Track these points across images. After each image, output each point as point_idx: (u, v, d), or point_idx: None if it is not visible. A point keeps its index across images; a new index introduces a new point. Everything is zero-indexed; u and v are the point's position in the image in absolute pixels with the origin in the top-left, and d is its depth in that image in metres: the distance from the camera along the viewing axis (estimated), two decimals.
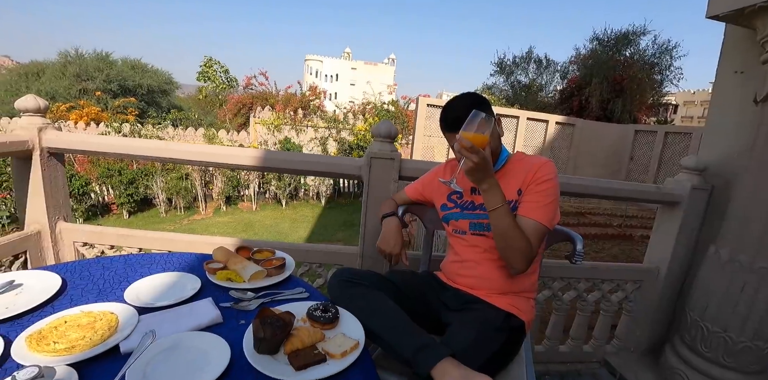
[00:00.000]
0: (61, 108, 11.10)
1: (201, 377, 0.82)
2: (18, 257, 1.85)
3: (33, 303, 1.04)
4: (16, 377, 0.73)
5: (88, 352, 0.86)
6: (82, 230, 2.00)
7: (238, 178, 7.25)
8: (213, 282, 1.22)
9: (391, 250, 1.44)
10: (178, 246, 1.95)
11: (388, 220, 1.53)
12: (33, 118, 1.96)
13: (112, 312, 1.01)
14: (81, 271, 1.24)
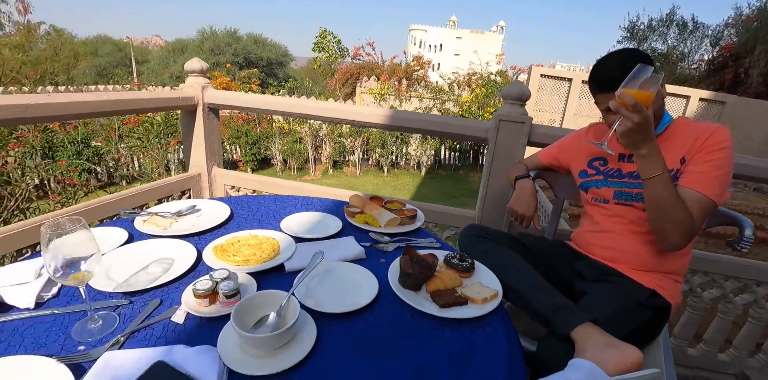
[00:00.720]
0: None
1: (356, 300, 0.89)
2: (184, 193, 2.21)
3: (211, 224, 1.22)
4: (212, 275, 0.87)
5: (260, 266, 0.99)
6: (231, 175, 2.30)
7: (344, 144, 7.63)
8: (352, 224, 1.30)
9: (525, 211, 1.37)
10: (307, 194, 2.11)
11: (522, 181, 1.45)
12: (197, 78, 2.26)
13: (273, 237, 1.14)
14: (242, 204, 1.42)
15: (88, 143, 5.13)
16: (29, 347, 0.73)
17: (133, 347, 0.72)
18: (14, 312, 0.81)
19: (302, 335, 0.76)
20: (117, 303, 0.84)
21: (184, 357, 0.67)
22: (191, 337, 0.75)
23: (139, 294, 0.88)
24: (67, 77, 12.28)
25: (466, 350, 0.79)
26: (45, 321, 0.79)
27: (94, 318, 0.78)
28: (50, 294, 0.87)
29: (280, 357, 0.71)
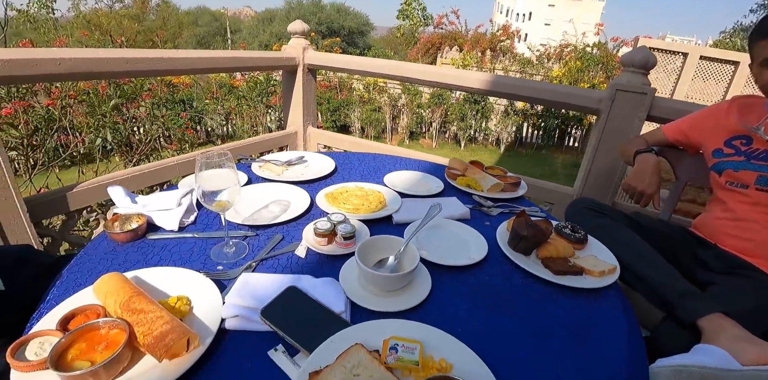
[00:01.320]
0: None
1: (466, 256, 0.88)
2: (281, 149, 2.34)
3: (319, 174, 1.27)
4: (330, 217, 0.90)
5: (370, 215, 1.01)
6: (325, 134, 2.37)
7: (422, 115, 7.50)
8: (453, 186, 1.27)
9: (645, 188, 1.22)
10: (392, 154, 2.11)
11: (645, 156, 1.29)
12: (299, 39, 2.32)
13: (379, 191, 1.15)
14: (344, 160, 1.46)
15: (192, 104, 5.66)
16: (177, 261, 0.83)
17: (263, 272, 0.79)
18: (162, 232, 0.93)
19: (418, 281, 0.77)
20: (245, 233, 0.92)
21: (311, 286, 0.72)
22: (312, 270, 0.80)
23: (263, 228, 0.95)
24: (173, 45, 13.44)
25: (584, 321, 0.75)
26: (187, 243, 0.89)
27: (229, 244, 0.86)
28: (189, 221, 0.98)
29: (399, 299, 0.72)
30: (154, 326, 0.58)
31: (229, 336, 0.64)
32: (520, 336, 0.69)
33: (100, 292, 0.67)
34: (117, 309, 0.63)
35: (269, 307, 0.65)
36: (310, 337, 0.60)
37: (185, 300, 0.68)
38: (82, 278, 0.77)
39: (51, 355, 0.55)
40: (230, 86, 5.93)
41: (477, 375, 0.56)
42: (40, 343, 0.60)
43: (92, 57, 1.42)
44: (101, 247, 0.87)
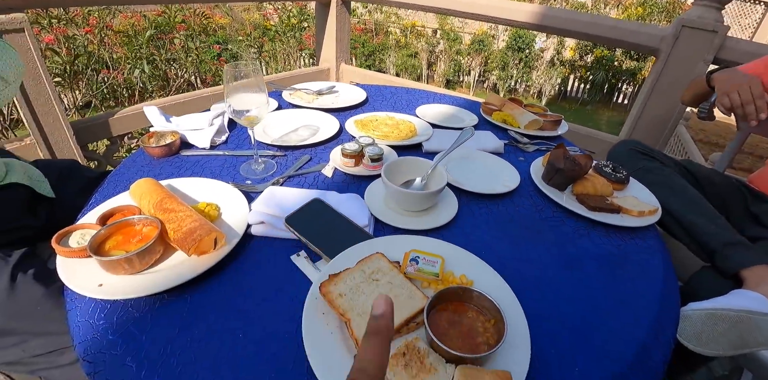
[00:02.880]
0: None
1: (496, 186, 0.84)
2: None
3: (349, 103, 1.23)
4: (359, 140, 0.88)
5: (400, 141, 0.98)
6: (357, 71, 2.28)
7: (460, 62, 7.09)
8: (488, 121, 1.21)
9: (746, 96, 0.92)
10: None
11: (728, 70, 1.07)
12: None
13: (410, 121, 1.11)
14: (376, 91, 1.40)
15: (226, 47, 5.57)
16: (208, 176, 0.84)
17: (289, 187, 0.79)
18: (194, 150, 0.94)
19: (444, 204, 0.76)
20: (274, 153, 0.92)
21: (336, 200, 0.71)
22: (338, 189, 0.80)
23: (291, 149, 0.95)
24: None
25: (617, 257, 0.72)
26: (218, 159, 0.90)
27: (258, 160, 0.86)
28: (220, 140, 0.98)
29: (423, 219, 0.71)
30: (183, 223, 0.60)
31: (254, 240, 0.66)
32: (547, 263, 0.68)
33: (136, 194, 0.70)
34: (151, 209, 0.65)
35: (294, 215, 0.65)
36: (333, 246, 0.61)
37: (214, 206, 0.69)
38: (120, 187, 0.81)
39: (90, 243, 0.58)
40: (264, 27, 5.75)
41: (497, 292, 0.55)
42: (82, 234, 0.64)
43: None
44: (139, 161, 0.90)
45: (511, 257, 0.68)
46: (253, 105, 0.76)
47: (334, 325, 0.49)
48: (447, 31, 7.36)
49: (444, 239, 0.66)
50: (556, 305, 0.60)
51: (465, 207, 0.77)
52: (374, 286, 0.52)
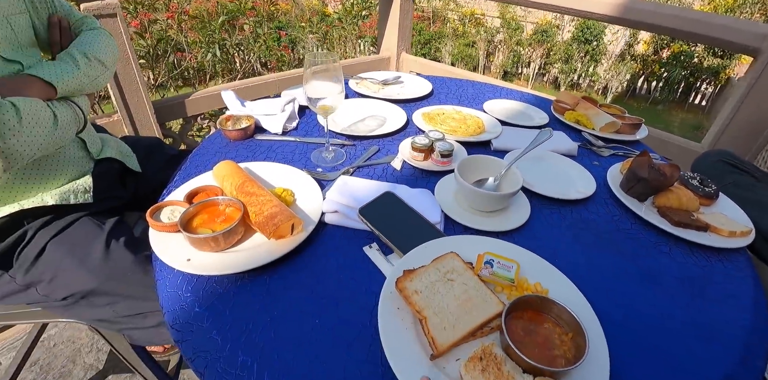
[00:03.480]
0: None
1: (570, 191, 0.81)
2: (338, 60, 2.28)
3: (415, 94, 1.22)
4: (429, 134, 0.87)
5: (469, 137, 0.96)
6: (418, 61, 2.25)
7: (520, 54, 6.79)
8: (560, 120, 1.15)
9: None
10: None
11: None
12: None
13: (477, 116, 1.08)
14: (441, 83, 1.38)
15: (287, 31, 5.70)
16: (280, 161, 0.87)
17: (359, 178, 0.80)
18: (267, 134, 0.97)
19: (516, 206, 0.74)
20: (343, 142, 0.93)
21: (407, 194, 0.71)
22: (407, 182, 0.79)
23: (359, 139, 0.96)
24: None
25: (701, 279, 0.67)
26: (290, 145, 0.93)
27: (329, 149, 0.88)
28: (291, 127, 1.01)
29: (494, 220, 0.70)
30: (264, 207, 0.63)
31: (327, 228, 0.68)
32: (624, 275, 0.64)
33: (218, 175, 0.74)
34: (233, 191, 0.69)
35: (367, 207, 0.66)
36: (405, 240, 0.61)
37: (290, 191, 0.72)
38: (201, 166, 0.86)
39: (180, 219, 0.62)
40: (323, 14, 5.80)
41: (573, 304, 0.53)
42: (171, 210, 0.69)
43: None
44: (216, 142, 0.95)
45: (585, 266, 0.65)
46: (330, 94, 0.77)
47: (408, 321, 0.50)
48: (508, 21, 7.06)
49: (515, 242, 0.64)
50: (633, 322, 0.57)
51: (536, 210, 0.75)
52: (449, 286, 0.52)
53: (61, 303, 0.77)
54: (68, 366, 1.38)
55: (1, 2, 0.73)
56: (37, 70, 0.74)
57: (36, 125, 0.67)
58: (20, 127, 0.64)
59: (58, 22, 0.86)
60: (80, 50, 0.83)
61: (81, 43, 0.85)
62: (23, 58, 0.76)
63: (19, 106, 0.64)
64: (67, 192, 0.81)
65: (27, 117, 0.65)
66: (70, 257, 0.76)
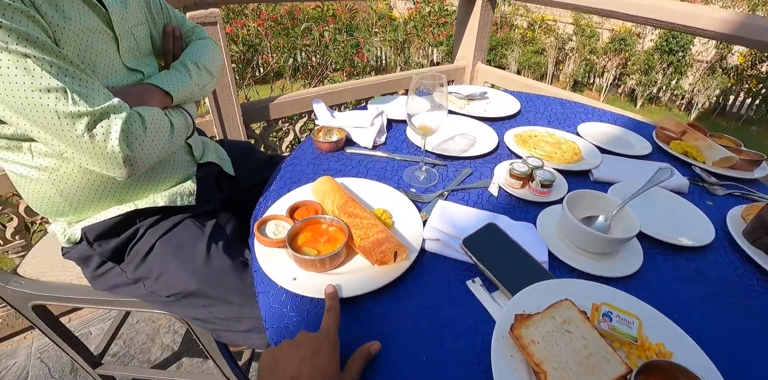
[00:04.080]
0: None
1: (682, 234, 0.73)
2: (448, 83, 2.26)
3: (503, 113, 1.18)
4: (527, 160, 0.83)
5: (566, 165, 0.91)
6: (495, 72, 2.19)
7: (593, 62, 6.42)
8: (664, 150, 1.06)
9: None
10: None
11: None
12: None
13: (572, 141, 1.02)
14: (528, 100, 1.32)
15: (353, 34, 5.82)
16: (372, 176, 0.87)
17: (454, 203, 0.78)
18: (357, 148, 0.99)
19: (626, 249, 0.68)
20: (434, 161, 0.92)
21: (510, 227, 0.69)
22: (504, 211, 0.77)
23: (450, 159, 0.94)
24: None
25: None
26: (380, 161, 0.93)
27: (422, 168, 0.87)
28: (380, 141, 1.01)
29: (603, 263, 0.65)
30: (370, 232, 0.63)
31: (427, 256, 0.67)
32: (761, 341, 0.57)
33: (318, 192, 0.75)
34: (334, 210, 0.70)
35: (470, 239, 0.64)
36: (511, 278, 0.59)
37: (388, 213, 0.72)
38: (295, 176, 0.88)
39: (288, 237, 0.64)
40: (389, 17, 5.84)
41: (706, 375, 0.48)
42: (276, 225, 0.71)
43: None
44: (308, 153, 0.98)
45: (710, 327, 0.58)
46: (432, 116, 0.76)
47: (523, 371, 0.47)
48: (582, 27, 6.70)
49: (628, 291, 0.60)
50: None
51: (650, 256, 0.69)
52: (567, 338, 0.49)
53: (165, 299, 0.83)
54: (147, 343, 1.49)
55: (128, 15, 0.79)
56: (157, 79, 0.80)
57: (157, 134, 0.72)
58: (145, 136, 0.69)
59: (172, 32, 0.92)
60: (192, 60, 0.88)
61: (192, 52, 0.91)
62: (144, 68, 0.83)
63: (144, 116, 0.69)
64: (174, 194, 0.86)
65: (150, 126, 0.70)
66: (175, 258, 0.81)
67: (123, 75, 0.77)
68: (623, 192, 0.81)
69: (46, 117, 0.60)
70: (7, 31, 0.55)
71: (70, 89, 0.60)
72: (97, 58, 0.72)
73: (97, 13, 0.71)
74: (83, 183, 0.75)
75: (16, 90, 0.57)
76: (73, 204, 0.78)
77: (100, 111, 0.63)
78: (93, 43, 0.70)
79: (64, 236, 0.83)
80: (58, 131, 0.61)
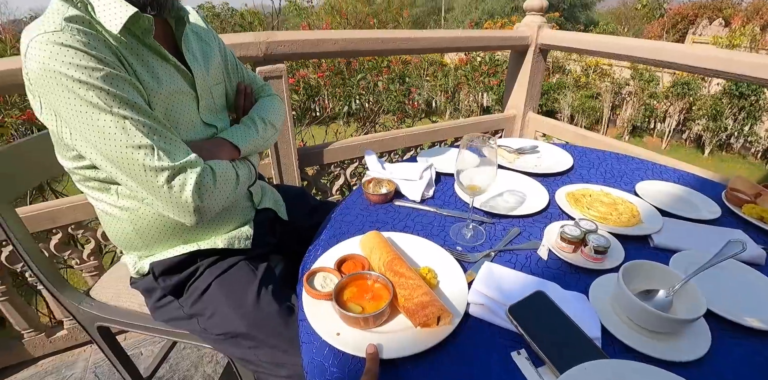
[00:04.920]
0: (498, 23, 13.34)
1: (761, 316, 0.66)
2: (496, 132, 2.28)
3: (554, 168, 1.17)
4: (579, 223, 0.81)
5: (623, 229, 0.87)
6: (546, 122, 2.19)
7: (653, 107, 6.19)
8: (735, 214, 0.98)
9: None
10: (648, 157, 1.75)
11: None
12: (535, 16, 2.13)
13: (630, 201, 0.99)
14: (581, 155, 1.30)
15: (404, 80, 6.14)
16: (419, 231, 0.89)
17: (501, 264, 0.77)
18: (406, 200, 1.02)
19: (692, 330, 0.63)
20: (482, 219, 0.93)
21: (560, 296, 0.66)
22: (554, 277, 0.74)
23: (498, 217, 0.94)
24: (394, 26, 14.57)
25: None
26: (428, 215, 0.95)
27: (469, 226, 0.88)
28: (428, 195, 1.04)
29: (663, 344, 0.60)
30: (414, 293, 0.64)
31: (471, 320, 0.66)
32: None
33: (366, 247, 0.78)
34: (381, 267, 0.72)
35: (517, 307, 0.63)
36: (559, 354, 0.56)
37: (434, 273, 0.72)
38: (344, 227, 0.92)
39: (334, 291, 0.66)
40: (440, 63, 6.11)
41: None
42: (324, 277, 0.74)
43: (358, 37, 1.63)
44: (358, 203, 1.02)
45: None
46: (482, 177, 0.78)
47: None
48: (641, 71, 6.56)
49: (691, 379, 0.54)
50: None
51: (719, 338, 0.63)
52: None
53: (215, 337, 0.87)
54: (191, 370, 1.54)
55: (208, 77, 0.91)
56: (228, 134, 0.90)
57: (225, 185, 0.80)
58: (214, 188, 0.77)
59: (245, 89, 1.04)
60: (260, 116, 0.98)
61: (260, 109, 1.01)
62: (218, 122, 0.93)
63: (215, 169, 0.78)
64: (233, 238, 0.93)
65: (220, 179, 0.78)
66: (228, 299, 0.86)
67: (200, 129, 0.88)
68: (687, 263, 0.76)
69: (134, 168, 0.70)
70: (112, 97, 0.66)
71: (156, 146, 0.70)
72: (180, 116, 0.83)
73: (184, 76, 0.83)
74: (156, 224, 0.84)
75: (113, 145, 0.68)
76: (145, 241, 0.87)
77: (179, 166, 0.72)
78: (178, 103, 0.82)
79: (134, 268, 0.92)
80: (142, 181, 0.71)
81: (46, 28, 0.63)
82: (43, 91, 0.65)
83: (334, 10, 13.62)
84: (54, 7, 0.67)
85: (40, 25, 0.64)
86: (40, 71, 0.63)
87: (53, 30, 0.63)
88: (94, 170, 0.78)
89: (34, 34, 0.63)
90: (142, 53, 0.75)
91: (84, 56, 0.63)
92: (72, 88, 0.64)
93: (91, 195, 0.84)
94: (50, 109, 0.68)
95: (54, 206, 1.34)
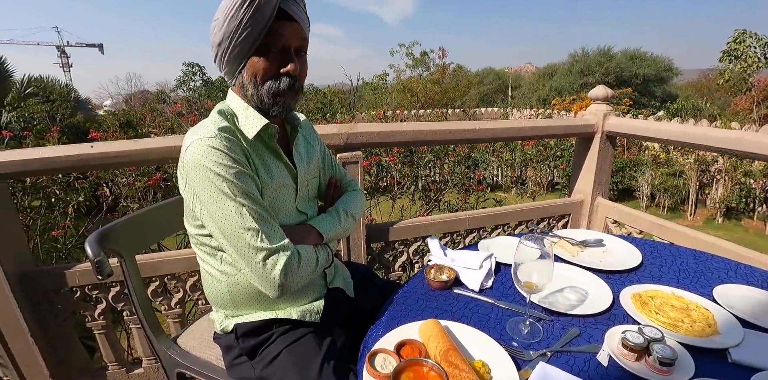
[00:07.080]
0: (566, 101, 13.56)
1: None
2: (563, 217, 2.27)
3: (621, 265, 1.15)
4: (643, 330, 0.80)
5: (695, 339, 0.83)
6: (617, 208, 2.15)
7: (749, 186, 5.61)
8: None
9: None
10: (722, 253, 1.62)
11: None
12: (600, 105, 2.22)
13: (705, 307, 0.94)
14: (653, 250, 1.27)
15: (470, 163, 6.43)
16: (476, 322, 0.92)
17: (557, 366, 0.77)
18: (465, 289, 1.07)
19: None
20: (540, 315, 0.94)
21: None
22: None
23: (557, 314, 0.94)
24: (461, 102, 15.59)
25: None
26: (485, 306, 0.99)
27: (527, 322, 0.90)
28: (488, 285, 1.08)
29: None
30: None
31: None
32: None
33: (424, 334, 0.84)
34: (436, 355, 0.76)
35: None
36: None
37: (487, 367, 0.75)
38: (405, 310, 0.99)
39: (393, 374, 0.72)
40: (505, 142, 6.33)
41: None
42: (384, 359, 0.80)
43: (427, 129, 1.84)
44: (419, 287, 1.09)
45: None
46: (538, 276, 0.83)
47: None
48: None
49: None
50: None
51: None
52: None
53: None
54: None
55: (308, 172, 1.10)
56: (316, 222, 1.06)
57: (306, 267, 0.94)
58: (298, 270, 0.91)
59: (335, 183, 1.23)
60: (344, 208, 1.15)
61: (345, 202, 1.18)
62: (309, 210, 1.11)
63: (301, 254, 0.93)
64: (305, 311, 1.04)
65: (304, 262, 0.93)
66: (294, 369, 0.95)
67: (294, 216, 1.06)
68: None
69: (241, 245, 0.87)
70: (238, 188, 0.86)
71: (262, 230, 0.87)
72: (281, 204, 1.02)
73: (290, 172, 1.04)
74: (246, 290, 1.00)
75: (230, 224, 0.86)
76: (235, 303, 1.02)
77: (275, 249, 0.88)
78: (282, 194, 1.01)
79: (220, 325, 1.06)
80: (244, 255, 0.87)
81: (204, 134, 0.87)
82: (191, 176, 0.88)
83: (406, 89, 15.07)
84: (213, 117, 0.94)
85: (203, 131, 0.88)
86: (193, 163, 0.86)
87: (209, 136, 0.86)
88: (209, 238, 0.97)
89: (196, 137, 0.87)
90: (263, 153, 0.98)
91: (225, 157, 0.86)
92: (211, 179, 0.85)
93: (200, 256, 1.04)
94: (191, 189, 0.90)
95: (158, 258, 1.58)
